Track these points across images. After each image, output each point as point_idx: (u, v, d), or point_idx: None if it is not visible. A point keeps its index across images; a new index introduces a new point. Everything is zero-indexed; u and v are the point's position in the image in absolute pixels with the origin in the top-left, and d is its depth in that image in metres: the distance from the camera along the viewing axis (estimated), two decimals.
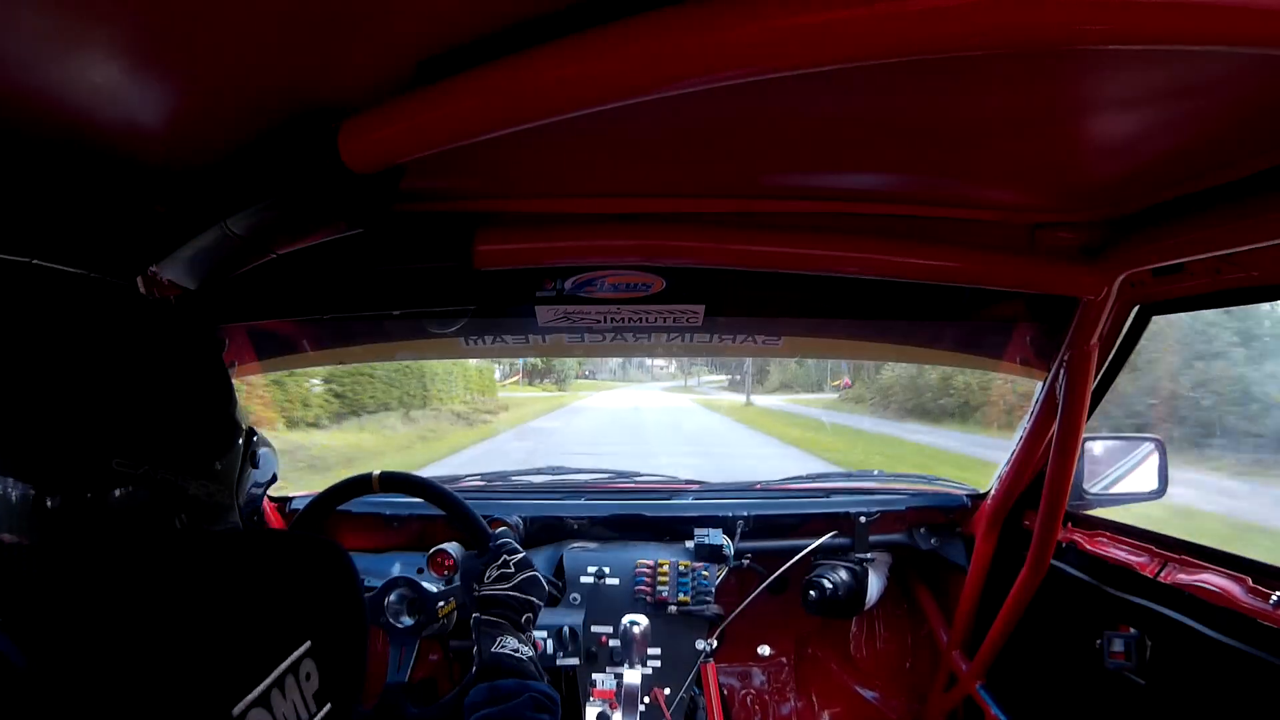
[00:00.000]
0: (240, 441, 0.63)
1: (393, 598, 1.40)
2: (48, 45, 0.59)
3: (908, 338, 1.59)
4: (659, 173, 1.05)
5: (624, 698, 1.49)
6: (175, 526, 0.53)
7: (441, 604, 1.37)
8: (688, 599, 1.60)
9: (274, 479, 0.72)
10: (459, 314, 1.40)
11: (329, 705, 0.53)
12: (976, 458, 9.72)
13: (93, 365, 0.53)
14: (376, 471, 1.33)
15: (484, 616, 1.11)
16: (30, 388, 0.49)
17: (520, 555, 1.21)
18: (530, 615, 1.15)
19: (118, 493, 0.50)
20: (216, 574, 0.52)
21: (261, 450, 0.68)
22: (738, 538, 1.73)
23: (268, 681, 0.48)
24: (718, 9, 0.55)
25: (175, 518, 0.53)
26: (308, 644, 0.52)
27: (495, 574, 1.17)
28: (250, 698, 0.47)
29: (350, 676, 0.57)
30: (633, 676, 1.51)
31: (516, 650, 1.05)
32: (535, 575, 1.19)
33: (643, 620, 1.56)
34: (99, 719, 0.42)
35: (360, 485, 1.34)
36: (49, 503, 0.47)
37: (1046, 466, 1.45)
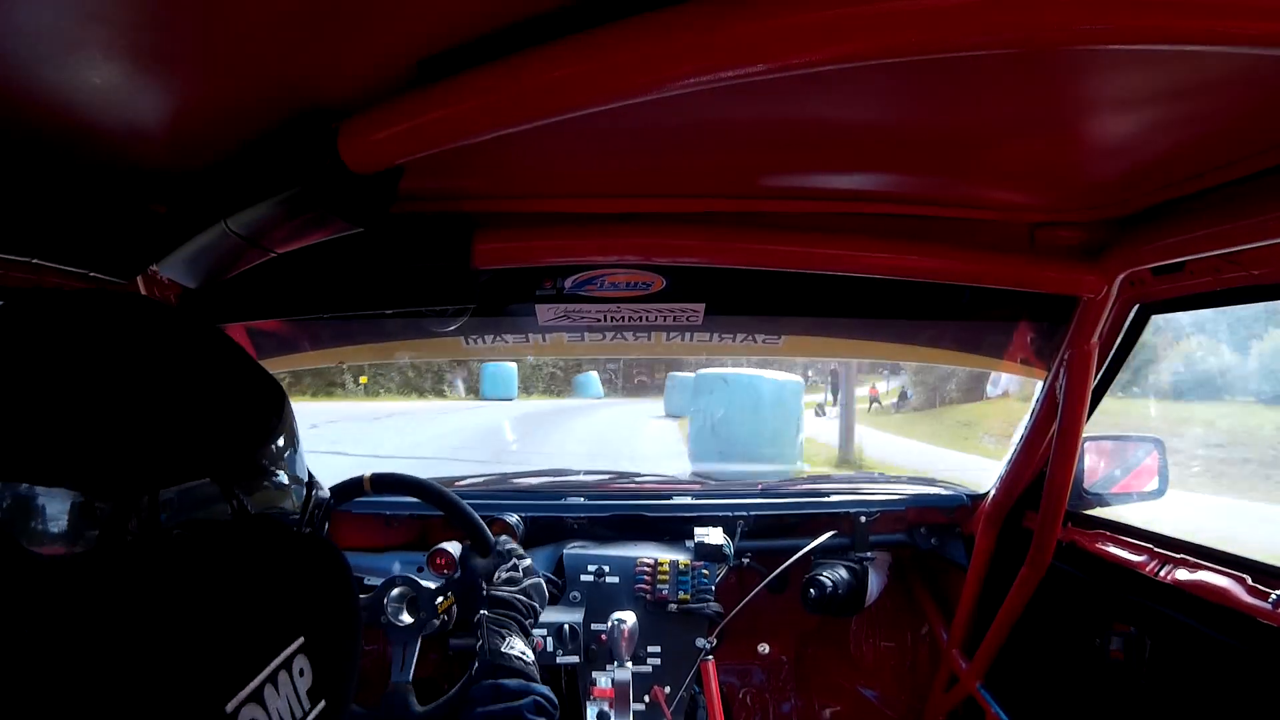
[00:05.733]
0: (306, 486, 0.65)
1: (392, 596, 1.40)
2: (48, 46, 0.59)
3: (908, 337, 1.59)
4: (659, 173, 1.05)
5: (615, 695, 1.49)
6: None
7: (440, 599, 1.36)
8: (688, 597, 1.60)
9: (332, 505, 0.73)
10: (459, 313, 1.40)
11: (323, 702, 0.53)
12: None
13: (151, 383, 0.53)
14: (368, 474, 1.33)
15: (491, 615, 1.14)
16: (84, 403, 0.50)
17: (528, 561, 1.25)
18: (533, 620, 1.19)
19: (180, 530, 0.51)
20: (208, 568, 0.52)
21: (316, 497, 0.69)
22: (738, 537, 1.73)
23: (261, 677, 0.48)
24: (717, 9, 0.55)
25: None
26: (301, 640, 0.52)
27: (504, 576, 1.21)
28: (244, 694, 0.47)
29: (344, 673, 0.57)
30: (623, 674, 1.51)
31: (523, 654, 1.08)
32: (540, 582, 1.24)
33: (629, 617, 1.56)
34: (90, 714, 0.42)
35: (352, 489, 1.34)
36: (98, 516, 0.48)
37: (1047, 466, 1.45)
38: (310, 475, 0.67)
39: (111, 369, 0.52)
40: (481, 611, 1.15)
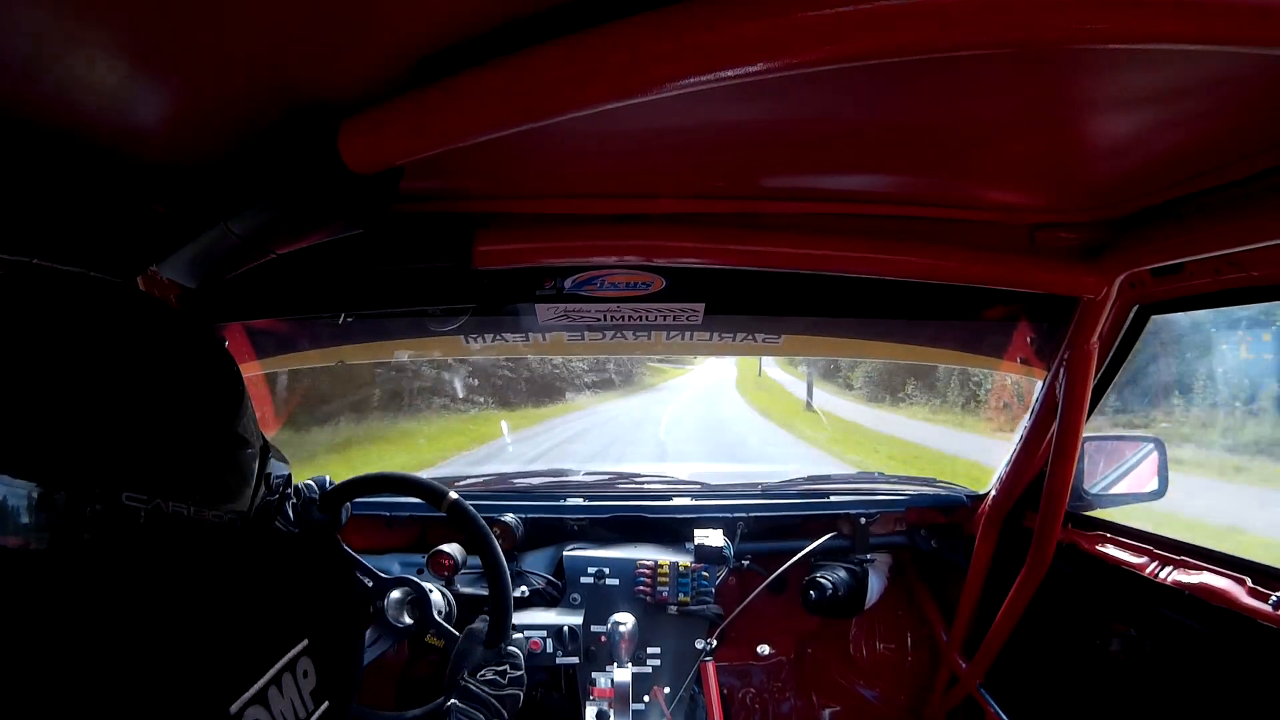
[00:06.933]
0: (256, 465, 0.64)
1: (394, 597, 1.40)
2: (48, 45, 0.59)
3: (908, 337, 1.59)
4: (659, 173, 1.05)
5: (615, 696, 1.49)
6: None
7: (430, 635, 1.39)
8: (688, 599, 1.60)
9: (285, 492, 0.73)
10: (459, 313, 1.40)
11: (326, 703, 0.54)
12: None
13: (104, 381, 0.53)
14: (452, 495, 1.28)
15: (460, 705, 1.19)
16: (49, 401, 0.50)
17: (520, 674, 1.27)
18: None
19: (124, 521, 0.50)
20: (214, 571, 0.53)
21: (275, 466, 0.68)
22: (738, 539, 1.73)
23: (265, 679, 0.49)
24: (717, 9, 0.55)
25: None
26: (305, 642, 0.53)
27: (490, 675, 1.24)
28: (248, 695, 0.47)
29: (347, 674, 0.57)
30: (622, 675, 1.51)
31: None
32: (519, 694, 1.25)
33: (629, 619, 1.56)
34: (97, 715, 0.43)
35: (431, 496, 1.29)
36: (55, 508, 0.48)
37: (1046, 467, 1.45)
38: (266, 447, 0.67)
39: (61, 358, 0.52)
40: (452, 700, 1.20)
